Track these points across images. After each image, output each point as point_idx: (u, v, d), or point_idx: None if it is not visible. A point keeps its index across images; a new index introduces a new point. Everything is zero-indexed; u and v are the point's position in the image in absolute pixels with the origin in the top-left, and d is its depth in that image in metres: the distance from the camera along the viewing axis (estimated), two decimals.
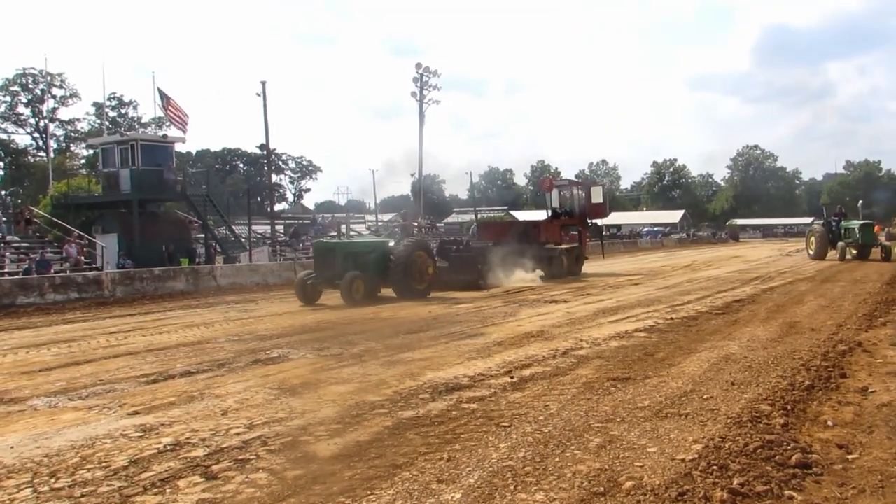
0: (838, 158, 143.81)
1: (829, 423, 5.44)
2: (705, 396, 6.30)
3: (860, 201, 35.24)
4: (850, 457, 4.68)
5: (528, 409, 5.99)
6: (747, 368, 7.48)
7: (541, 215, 28.03)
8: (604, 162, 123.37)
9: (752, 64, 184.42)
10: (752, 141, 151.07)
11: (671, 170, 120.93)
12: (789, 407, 5.80)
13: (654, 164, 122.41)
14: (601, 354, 8.57)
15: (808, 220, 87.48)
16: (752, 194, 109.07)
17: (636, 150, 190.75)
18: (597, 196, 26.48)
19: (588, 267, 25.34)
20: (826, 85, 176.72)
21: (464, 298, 16.37)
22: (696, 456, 4.64)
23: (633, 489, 4.12)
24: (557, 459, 4.69)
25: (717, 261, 31.15)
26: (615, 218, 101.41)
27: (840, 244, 28.13)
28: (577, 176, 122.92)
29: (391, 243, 17.94)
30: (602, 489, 4.14)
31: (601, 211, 27.01)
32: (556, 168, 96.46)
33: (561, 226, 25.55)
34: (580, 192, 26.61)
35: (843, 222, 29.33)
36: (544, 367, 7.83)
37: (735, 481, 4.15)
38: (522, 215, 63.42)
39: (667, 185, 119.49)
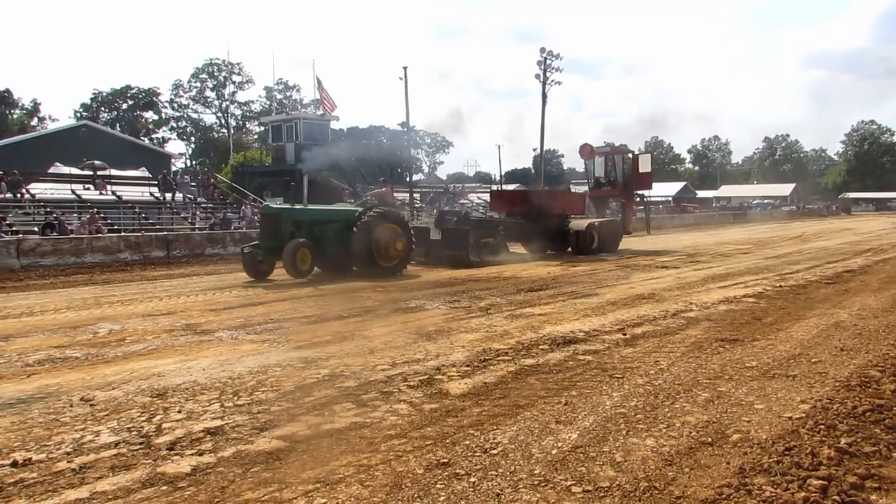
0: None
1: None
2: (814, 360, 5.88)
3: None
4: None
5: (640, 364, 5.83)
6: (857, 335, 6.90)
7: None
8: (716, 138, 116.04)
9: (870, 41, 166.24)
10: (866, 117, 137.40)
11: (783, 145, 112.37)
12: None
13: (766, 139, 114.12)
14: (710, 317, 8.17)
15: None
16: (867, 168, 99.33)
17: (746, 126, 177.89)
18: (644, 165, 21.87)
19: (637, 243, 21.19)
20: None
21: (580, 261, 16.05)
22: (804, 415, 4.36)
23: (739, 441, 3.94)
24: (667, 410, 4.55)
25: (827, 232, 28.69)
26: (725, 191, 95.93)
27: None
28: (688, 151, 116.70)
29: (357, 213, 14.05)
30: (710, 439, 3.98)
31: (648, 181, 22.29)
32: (669, 143, 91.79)
33: (599, 197, 21.63)
34: (625, 160, 21.79)
35: None
36: (655, 326, 7.58)
37: (843, 441, 3.87)
38: None
39: (778, 159, 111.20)
